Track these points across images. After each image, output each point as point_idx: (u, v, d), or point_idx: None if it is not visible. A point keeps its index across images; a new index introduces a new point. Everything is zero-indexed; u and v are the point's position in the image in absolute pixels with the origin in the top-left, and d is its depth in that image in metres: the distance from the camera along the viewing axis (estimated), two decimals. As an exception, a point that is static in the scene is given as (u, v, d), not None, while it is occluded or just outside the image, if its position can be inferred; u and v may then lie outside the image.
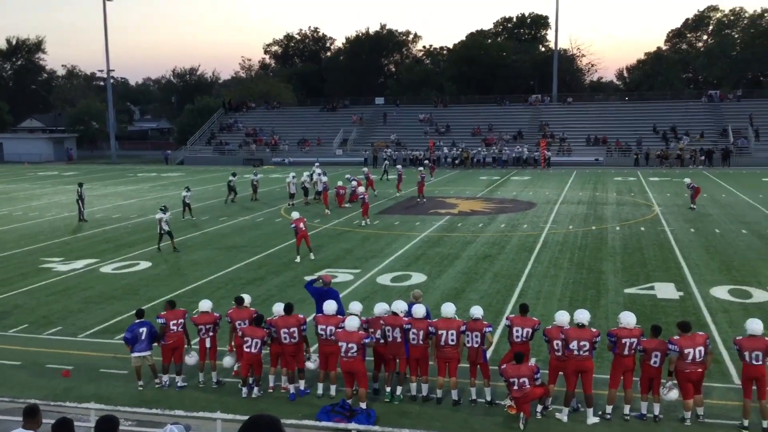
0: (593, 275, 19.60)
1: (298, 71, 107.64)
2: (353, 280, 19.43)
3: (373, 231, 27.35)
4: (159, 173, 59.48)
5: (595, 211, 32.20)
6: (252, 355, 11.46)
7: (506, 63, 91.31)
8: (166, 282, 19.68)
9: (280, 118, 77.74)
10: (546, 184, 44.63)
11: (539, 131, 66.69)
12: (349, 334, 10.93)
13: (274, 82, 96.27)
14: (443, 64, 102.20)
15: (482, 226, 28.46)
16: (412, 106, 76.76)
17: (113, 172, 61.81)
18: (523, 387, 10.32)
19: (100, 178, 54.41)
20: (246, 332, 11.56)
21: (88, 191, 38.42)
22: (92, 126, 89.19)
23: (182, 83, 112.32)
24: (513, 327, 11.34)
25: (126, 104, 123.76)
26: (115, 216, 32.82)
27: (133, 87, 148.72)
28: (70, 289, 19.11)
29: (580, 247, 23.59)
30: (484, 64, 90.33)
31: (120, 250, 24.59)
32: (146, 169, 65.47)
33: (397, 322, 11.39)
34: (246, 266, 21.52)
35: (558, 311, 11.32)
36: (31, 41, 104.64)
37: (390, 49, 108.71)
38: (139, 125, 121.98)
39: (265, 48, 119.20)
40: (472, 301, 16.65)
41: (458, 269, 20.64)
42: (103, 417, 6.07)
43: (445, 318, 11.35)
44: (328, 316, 11.67)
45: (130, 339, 11.93)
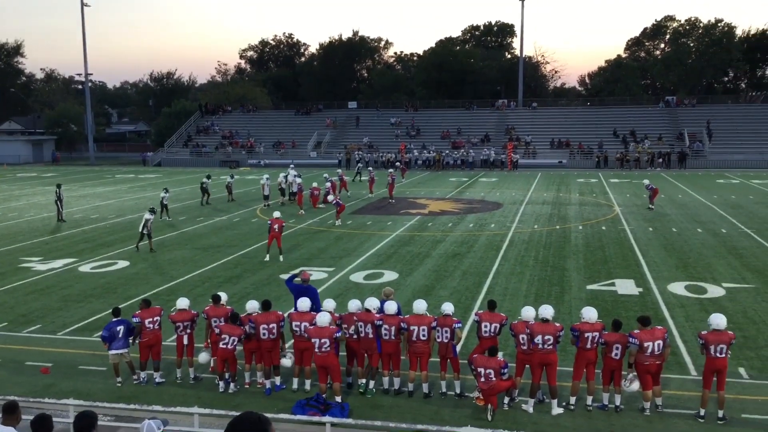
0: (557, 272, 19.76)
1: (273, 76, 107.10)
2: (327, 278, 19.38)
3: (346, 230, 27.30)
4: (137, 175, 58.75)
5: (559, 211, 32.47)
6: (227, 351, 11.38)
7: (474, 69, 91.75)
8: (144, 281, 19.44)
9: (255, 122, 77.26)
10: (512, 186, 44.92)
11: (506, 135, 67.10)
12: (321, 330, 10.90)
13: (250, 86, 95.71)
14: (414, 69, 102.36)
15: (452, 225, 28.56)
16: (383, 110, 76.80)
17: (92, 173, 60.91)
18: (489, 379, 10.37)
19: (78, 180, 53.57)
20: (223, 330, 11.47)
21: (67, 192, 37.84)
22: (71, 128, 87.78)
23: (159, 87, 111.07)
24: (481, 322, 11.40)
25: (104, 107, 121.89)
26: (94, 216, 32.34)
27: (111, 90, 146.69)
28: (50, 287, 18.79)
29: (545, 246, 23.77)
30: (453, 70, 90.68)
31: (98, 249, 24.24)
32: (124, 170, 64.65)
33: (369, 319, 11.38)
34: (223, 265, 21.35)
35: (524, 307, 11.39)
36: (10, 45, 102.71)
37: (362, 55, 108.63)
38: (117, 128, 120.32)
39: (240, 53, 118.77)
40: (442, 297, 16.69)
41: (429, 267, 20.68)
42: (81, 413, 5.98)
43: (416, 314, 11.36)
44: (302, 312, 11.63)
45: (107, 337, 11.76)
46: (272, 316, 11.55)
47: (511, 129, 67.91)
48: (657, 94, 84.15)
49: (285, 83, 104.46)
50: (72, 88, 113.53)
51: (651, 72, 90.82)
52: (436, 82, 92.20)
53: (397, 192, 41.40)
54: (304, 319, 11.48)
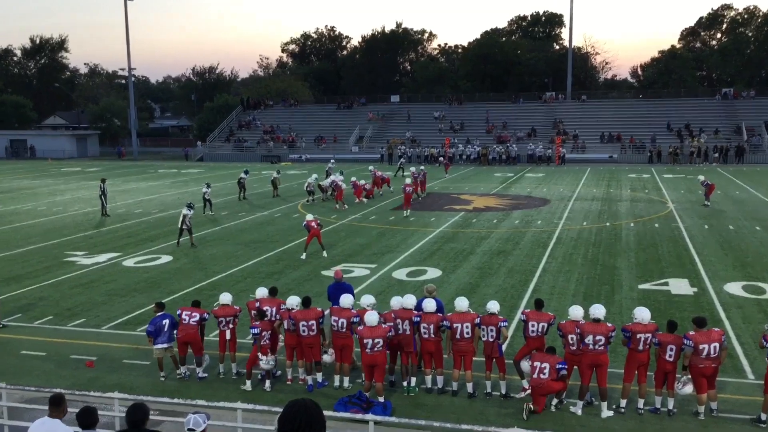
0: (607, 271, 19.49)
1: (315, 69, 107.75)
2: (369, 274, 19.45)
3: (388, 226, 27.36)
4: (179, 169, 59.80)
5: (609, 207, 32.01)
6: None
7: (520, 61, 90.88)
8: (187, 276, 19.79)
9: (297, 116, 77.88)
10: (560, 181, 44.42)
11: (553, 128, 66.34)
12: (373, 330, 10.91)
13: (292, 80, 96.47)
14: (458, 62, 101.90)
15: (497, 222, 28.39)
16: (426, 104, 76.63)
17: (134, 168, 62.22)
18: (542, 376, 10.26)
19: (122, 174, 54.79)
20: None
21: (111, 187, 38.72)
22: (114, 123, 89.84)
23: (202, 81, 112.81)
24: (528, 322, 11.32)
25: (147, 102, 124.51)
26: (137, 211, 33.04)
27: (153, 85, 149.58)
28: (94, 282, 19.27)
29: (594, 244, 23.46)
30: (499, 62, 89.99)
31: (142, 244, 24.77)
32: (167, 165, 65.85)
33: (406, 315, 11.41)
34: (264, 261, 21.60)
35: (572, 306, 11.27)
36: (54, 40, 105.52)
37: (405, 48, 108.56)
38: (160, 122, 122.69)
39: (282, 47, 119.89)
40: (487, 296, 16.60)
41: (473, 264, 20.60)
42: (134, 405, 6.10)
43: (458, 312, 11.34)
44: (343, 309, 11.69)
45: (153, 332, 12.00)
46: (311, 313, 11.64)
47: (559, 122, 67.11)
48: (713, 86, 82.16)
49: (327, 77, 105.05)
50: (115, 83, 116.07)
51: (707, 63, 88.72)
52: (481, 74, 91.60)
53: (440, 187, 41.30)
54: (343, 316, 11.55)
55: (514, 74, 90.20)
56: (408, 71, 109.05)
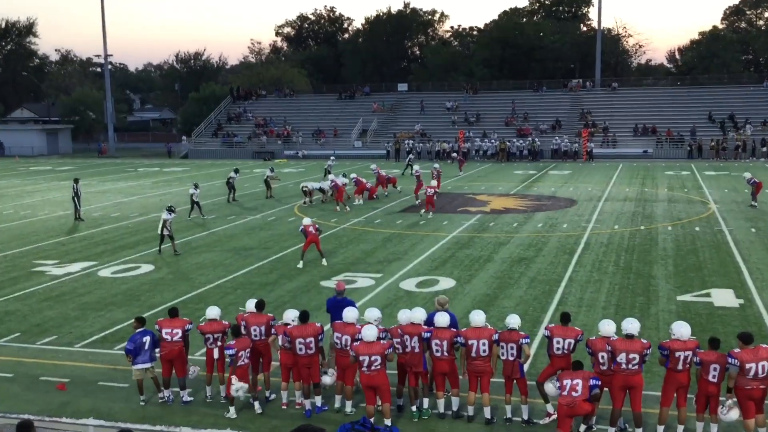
0: (642, 280, 19.45)
1: (313, 55, 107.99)
2: (374, 285, 19.45)
3: (396, 231, 27.36)
4: (161, 168, 59.95)
5: (643, 208, 31.97)
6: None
7: (543, 45, 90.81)
8: (170, 287, 19.83)
9: (293, 107, 78.03)
10: (588, 179, 44.38)
11: (580, 120, 66.29)
12: (370, 346, 10.91)
13: (287, 67, 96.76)
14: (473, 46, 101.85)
15: (517, 225, 28.38)
16: (438, 93, 76.70)
17: (112, 166, 62.41)
18: (573, 395, 10.21)
19: (97, 174, 54.97)
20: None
21: (85, 188, 38.85)
22: (88, 116, 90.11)
23: (186, 69, 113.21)
24: (553, 338, 11.28)
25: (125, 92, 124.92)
26: (114, 215, 33.13)
27: (132, 73, 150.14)
28: (66, 294, 19.32)
29: (627, 249, 23.43)
30: (519, 46, 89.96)
31: (120, 251, 24.83)
32: (147, 163, 66.04)
33: (415, 331, 11.39)
34: (257, 270, 21.62)
35: (603, 320, 11.23)
36: (22, 24, 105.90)
37: (414, 31, 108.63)
38: (140, 115, 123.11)
39: (276, 30, 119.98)
40: (506, 309, 16.58)
41: (490, 273, 20.59)
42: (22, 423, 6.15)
43: (474, 327, 11.31)
44: (347, 324, 11.69)
45: (132, 350, 12.00)
46: (309, 329, 11.63)
47: (587, 113, 67.05)
48: (761, 71, 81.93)
49: (326, 63, 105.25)
50: (90, 72, 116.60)
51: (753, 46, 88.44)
52: (499, 60, 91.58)
53: (454, 187, 41.31)
54: (347, 332, 11.55)
55: (537, 59, 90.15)
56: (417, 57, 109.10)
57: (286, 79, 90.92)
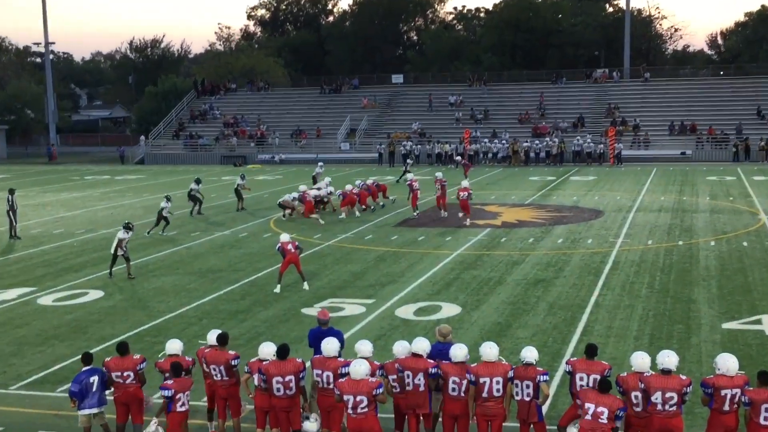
0: (681, 305, 19.47)
1: (292, 42, 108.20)
2: (365, 313, 19.41)
3: (390, 249, 27.35)
4: (112, 176, 59.81)
5: (681, 221, 32.04)
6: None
7: (562, 28, 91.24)
8: (123, 317, 19.73)
9: (268, 103, 78.17)
10: (616, 186, 44.48)
11: (607, 117, 66.50)
12: (356, 384, 10.85)
13: (261, 56, 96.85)
14: (480, 30, 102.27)
15: (533, 241, 28.40)
16: (439, 86, 76.86)
17: (54, 174, 62.24)
18: (600, 421, 10.17)
19: (37, 183, 54.81)
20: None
21: (22, 200, 38.71)
22: (26, 115, 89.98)
23: (142, 59, 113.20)
24: (576, 374, 11.26)
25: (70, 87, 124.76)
26: (57, 232, 33.02)
27: (78, 64, 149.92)
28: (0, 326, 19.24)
29: (663, 269, 23.46)
30: (534, 30, 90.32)
31: (63, 275, 24.73)
32: (96, 170, 65.88)
33: (419, 366, 11.35)
34: (225, 296, 21.55)
35: (635, 353, 11.23)
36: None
37: (410, 12, 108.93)
38: (87, 114, 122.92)
39: (248, 12, 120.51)
40: (521, 340, 16.57)
41: (502, 298, 20.58)
42: None
43: (487, 362, 11.28)
44: (327, 358, 11.66)
45: (77, 392, 11.92)
46: (289, 366, 11.59)
47: (615, 109, 67.27)
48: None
49: (307, 51, 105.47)
50: (28, 62, 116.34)
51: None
52: (510, 46, 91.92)
53: (458, 196, 41.31)
54: (328, 367, 11.52)
55: (554, 45, 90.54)
56: (414, 43, 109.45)
57: (260, 69, 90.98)
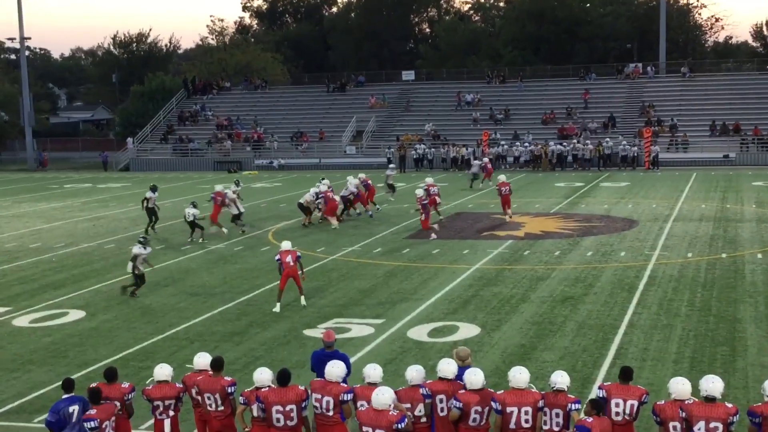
0: (725, 325, 19.38)
1: (292, 35, 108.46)
2: (374, 334, 19.37)
3: (401, 263, 27.31)
4: (95, 184, 59.93)
5: (725, 231, 31.94)
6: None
7: (591, 19, 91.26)
8: (107, 339, 19.73)
9: (265, 103, 78.32)
10: (652, 193, 44.40)
11: (641, 116, 66.42)
12: (377, 415, 10.74)
13: (257, 51, 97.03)
14: (499, 21, 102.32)
15: (560, 254, 28.35)
16: (454, 83, 76.90)
17: (30, 182, 62.42)
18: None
19: (11, 192, 54.96)
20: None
21: (-5, 210, 38.86)
22: (0, 117, 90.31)
23: (127, 55, 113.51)
24: (611, 399, 11.20)
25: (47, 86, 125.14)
26: (34, 246, 33.09)
27: (57, 62, 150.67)
28: (-30, 350, 19.26)
29: (705, 285, 23.37)
30: (559, 22, 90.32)
31: (41, 293, 24.75)
32: (77, 178, 66.02)
33: (452, 389, 11.33)
34: (220, 315, 21.55)
35: (674, 378, 11.17)
36: None
37: (422, 2, 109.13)
38: (67, 115, 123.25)
39: (243, 3, 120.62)
40: (548, 363, 16.52)
41: (526, 317, 20.53)
42: None
43: (515, 389, 11.24)
44: (328, 382, 11.60)
45: (54, 423, 11.90)
46: (290, 394, 11.53)
47: (649, 107, 67.17)
48: None
49: (309, 46, 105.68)
50: (1, 60, 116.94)
51: None
52: (533, 39, 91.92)
53: (476, 205, 41.31)
54: (328, 392, 11.47)
55: (582, 38, 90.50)
56: (427, 36, 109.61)
57: (257, 66, 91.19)
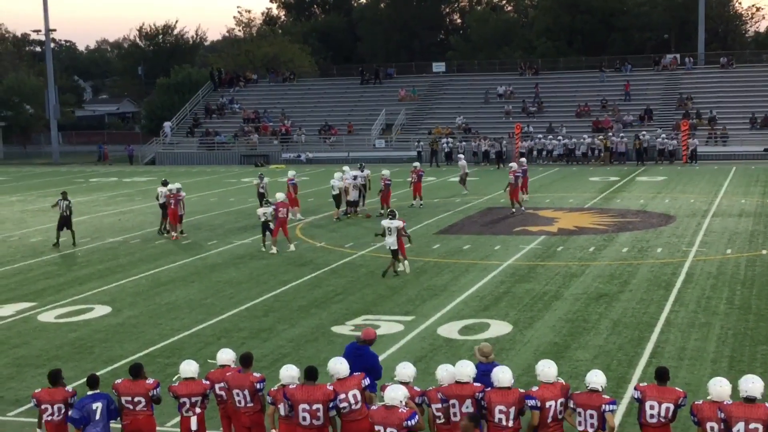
0: (765, 324, 19.23)
1: (320, 27, 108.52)
2: (404, 332, 19.35)
3: (431, 259, 27.29)
4: (120, 178, 60.30)
5: (766, 227, 31.71)
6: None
7: (627, 9, 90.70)
8: (133, 335, 19.83)
9: (293, 95, 78.51)
10: (690, 188, 44.14)
11: (678, 109, 66.03)
12: (388, 413, 10.72)
13: (285, 43, 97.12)
14: (532, 12, 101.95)
15: (594, 250, 28.23)
16: (486, 75, 76.72)
17: (55, 176, 62.85)
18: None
19: (36, 186, 55.38)
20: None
21: (20, 205, 39.15)
22: (25, 110, 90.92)
23: (153, 48, 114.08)
24: (645, 401, 11.14)
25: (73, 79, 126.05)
26: (60, 240, 33.30)
27: (83, 54, 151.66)
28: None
29: (744, 282, 23.20)
30: (594, 11, 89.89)
31: (66, 289, 24.91)
32: (102, 171, 66.45)
33: (465, 392, 11.28)
34: (247, 311, 21.62)
35: (713, 379, 11.09)
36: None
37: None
38: (93, 108, 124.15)
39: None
40: (581, 362, 16.45)
41: (559, 315, 20.46)
42: None
43: (545, 383, 11.22)
44: (344, 379, 11.60)
45: (78, 420, 11.95)
46: (318, 392, 11.49)
47: (688, 99, 66.76)
48: None
49: (337, 37, 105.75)
50: (26, 52, 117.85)
51: None
52: (567, 30, 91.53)
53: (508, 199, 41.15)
54: (348, 387, 11.48)
55: (618, 29, 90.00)
56: (458, 27, 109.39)
57: (285, 58, 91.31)
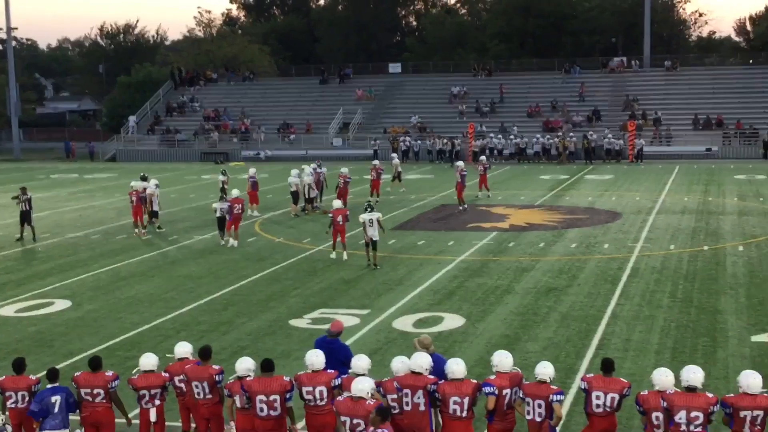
0: (706, 316, 19.43)
1: (279, 27, 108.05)
2: (359, 325, 19.35)
3: (386, 254, 27.28)
4: (81, 174, 59.70)
5: (707, 223, 32.03)
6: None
7: (576, 13, 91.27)
8: (93, 329, 19.67)
9: (252, 95, 78.21)
10: (635, 186, 44.50)
11: (625, 110, 66.53)
12: (355, 405, 10.75)
13: (245, 43, 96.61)
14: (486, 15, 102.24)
15: (544, 246, 28.38)
16: (441, 76, 76.85)
17: (16, 173, 62.09)
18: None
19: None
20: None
21: (-19, 200, 38.66)
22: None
23: (113, 46, 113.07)
24: (591, 392, 11.21)
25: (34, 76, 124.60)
26: (24, 234, 32.92)
27: (44, 52, 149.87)
28: (-44, 339, 19.17)
29: (687, 277, 23.43)
30: (545, 15, 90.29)
31: (26, 283, 24.66)
32: (63, 168, 65.75)
33: (418, 383, 11.31)
34: (206, 305, 21.51)
35: (657, 369, 11.19)
36: None
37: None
38: (54, 106, 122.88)
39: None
40: (531, 354, 16.54)
41: (510, 308, 20.55)
42: None
43: (501, 372, 11.30)
44: (315, 373, 11.59)
45: (37, 412, 11.84)
46: (274, 384, 11.49)
47: (633, 101, 67.31)
48: None
49: (296, 38, 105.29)
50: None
51: None
52: (519, 33, 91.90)
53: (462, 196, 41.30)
54: (318, 382, 11.46)
55: (568, 32, 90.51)
56: (414, 29, 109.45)
57: (244, 58, 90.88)
